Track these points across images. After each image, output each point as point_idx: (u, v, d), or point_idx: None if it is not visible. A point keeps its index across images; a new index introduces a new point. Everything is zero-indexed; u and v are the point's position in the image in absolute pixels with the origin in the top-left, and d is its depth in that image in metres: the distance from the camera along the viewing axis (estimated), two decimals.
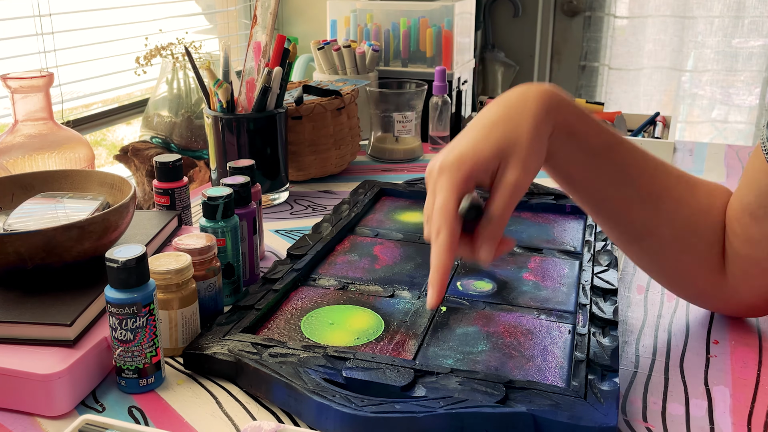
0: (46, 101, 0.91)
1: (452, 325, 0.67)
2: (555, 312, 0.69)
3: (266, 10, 0.96)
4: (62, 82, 1.21)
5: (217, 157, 0.98)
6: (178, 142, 1.19)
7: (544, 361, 0.61)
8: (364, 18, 1.38)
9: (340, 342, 0.64)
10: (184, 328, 0.63)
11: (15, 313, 0.59)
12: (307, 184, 1.12)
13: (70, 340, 0.57)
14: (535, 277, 0.77)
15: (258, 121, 0.96)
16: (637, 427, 0.55)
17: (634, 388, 0.60)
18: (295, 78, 1.57)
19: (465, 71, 1.42)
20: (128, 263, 0.55)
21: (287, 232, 0.93)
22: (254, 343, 0.61)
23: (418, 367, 0.57)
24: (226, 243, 0.71)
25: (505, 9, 2.38)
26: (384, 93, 1.22)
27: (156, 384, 0.59)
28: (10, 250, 0.60)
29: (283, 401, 0.56)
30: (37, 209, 0.70)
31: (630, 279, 0.79)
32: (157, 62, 1.22)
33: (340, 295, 0.73)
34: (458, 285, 0.75)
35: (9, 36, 1.13)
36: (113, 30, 1.35)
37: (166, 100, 1.21)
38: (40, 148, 0.90)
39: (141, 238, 0.73)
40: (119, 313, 0.56)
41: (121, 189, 0.73)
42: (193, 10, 1.63)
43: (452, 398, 0.53)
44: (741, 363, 0.63)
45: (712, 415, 0.56)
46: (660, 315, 0.71)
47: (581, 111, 0.61)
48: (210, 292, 0.66)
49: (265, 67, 0.95)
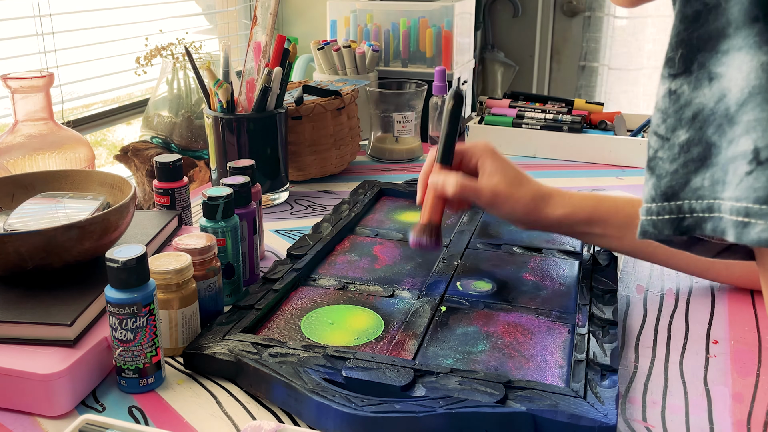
0: (46, 101, 0.91)
1: (452, 325, 0.67)
2: (555, 312, 0.69)
3: (266, 11, 0.96)
4: (62, 82, 1.21)
5: (217, 157, 0.98)
6: (178, 142, 1.19)
7: (543, 361, 0.61)
8: (364, 18, 1.38)
9: (340, 342, 0.64)
10: (184, 328, 0.63)
11: (15, 313, 0.59)
12: (307, 184, 1.12)
13: (70, 340, 0.57)
14: (535, 277, 0.77)
15: (258, 121, 0.96)
16: (637, 427, 0.55)
17: (634, 388, 0.60)
18: (295, 78, 1.57)
19: (465, 71, 1.42)
20: (128, 263, 0.55)
21: (287, 232, 0.93)
22: (254, 343, 0.61)
23: (417, 366, 0.57)
24: (226, 243, 0.71)
25: (505, 9, 2.38)
26: (384, 93, 1.22)
27: (156, 384, 0.59)
28: (11, 250, 0.60)
29: (283, 401, 0.56)
30: (37, 209, 0.70)
31: (630, 279, 0.79)
32: (158, 62, 1.22)
33: (340, 295, 0.73)
34: (458, 285, 0.75)
35: (9, 36, 1.13)
36: (113, 30, 1.35)
37: (167, 100, 1.21)
38: (40, 148, 0.90)
39: (141, 238, 0.73)
40: (119, 313, 0.56)
41: (122, 189, 0.73)
42: (193, 11, 1.64)
43: (452, 398, 0.53)
44: (741, 363, 0.63)
45: (711, 415, 0.56)
46: (660, 315, 0.71)
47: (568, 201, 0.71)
48: (210, 292, 0.66)
49: (265, 67, 0.95)
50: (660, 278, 0.79)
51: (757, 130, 0.30)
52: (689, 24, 0.33)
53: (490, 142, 0.75)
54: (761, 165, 0.30)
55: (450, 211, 0.78)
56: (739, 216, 0.30)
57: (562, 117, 1.23)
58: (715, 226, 0.32)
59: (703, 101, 0.32)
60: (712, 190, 0.32)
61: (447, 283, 0.75)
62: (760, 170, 0.30)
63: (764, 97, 0.30)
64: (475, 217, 0.93)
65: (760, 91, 0.30)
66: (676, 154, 0.34)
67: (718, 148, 0.32)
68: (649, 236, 0.35)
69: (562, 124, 1.22)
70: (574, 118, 1.22)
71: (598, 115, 1.26)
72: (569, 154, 1.21)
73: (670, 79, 0.34)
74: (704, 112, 0.32)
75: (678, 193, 0.34)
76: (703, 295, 0.75)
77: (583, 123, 1.23)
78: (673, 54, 0.34)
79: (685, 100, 0.33)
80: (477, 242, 0.85)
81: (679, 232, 0.34)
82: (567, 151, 1.22)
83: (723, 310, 0.72)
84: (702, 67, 0.32)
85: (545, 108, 1.26)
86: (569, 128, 1.21)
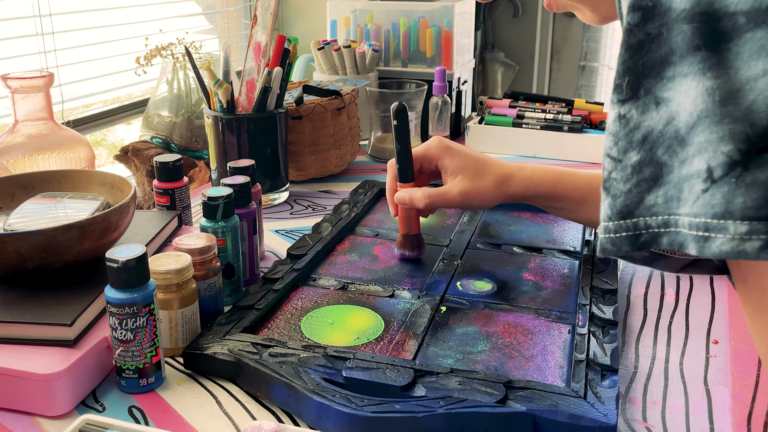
0: (46, 101, 0.91)
1: (452, 325, 0.67)
2: (555, 312, 0.69)
3: (266, 11, 0.96)
4: (62, 82, 1.21)
5: (218, 157, 0.98)
6: (178, 142, 1.19)
7: (543, 361, 0.61)
8: (364, 18, 1.38)
9: (340, 342, 0.64)
10: (184, 328, 0.63)
11: (15, 313, 0.59)
12: (307, 184, 1.12)
13: (70, 340, 0.57)
14: (534, 277, 0.77)
15: (258, 121, 0.96)
16: (637, 427, 0.55)
17: (634, 388, 0.60)
18: (295, 78, 1.57)
19: (465, 71, 1.42)
20: (128, 263, 0.55)
21: (287, 232, 0.93)
22: (254, 343, 0.61)
23: (418, 366, 0.57)
24: (226, 243, 0.71)
25: (505, 9, 2.38)
26: (384, 93, 1.22)
27: (156, 384, 0.59)
28: (11, 250, 0.60)
29: (283, 401, 0.56)
30: (37, 209, 0.70)
31: (630, 279, 0.79)
32: (158, 62, 1.22)
33: (340, 295, 0.73)
34: (458, 285, 0.75)
35: (9, 36, 1.14)
36: (113, 30, 1.35)
37: (167, 100, 1.21)
38: (40, 148, 0.90)
39: (141, 238, 0.73)
40: (119, 313, 0.56)
41: (122, 189, 0.73)
42: (193, 11, 1.64)
43: (452, 398, 0.53)
44: (741, 363, 0.63)
45: (711, 415, 0.56)
46: (660, 315, 0.71)
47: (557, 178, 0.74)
48: (210, 292, 0.66)
49: (266, 67, 0.95)
50: (660, 278, 0.79)
51: (708, 150, 0.32)
52: (634, 53, 0.34)
53: (443, 138, 0.78)
54: (715, 183, 0.32)
55: (424, 216, 0.82)
56: (699, 231, 0.32)
57: (562, 117, 1.23)
58: (672, 240, 0.34)
59: (651, 124, 0.34)
60: (667, 206, 0.34)
61: (447, 283, 0.75)
62: (715, 188, 0.32)
63: (712, 120, 0.31)
64: (475, 217, 0.93)
65: (708, 115, 0.32)
66: (629, 174, 0.35)
67: (670, 168, 0.34)
68: (609, 253, 0.37)
69: (563, 124, 1.22)
70: (574, 118, 1.22)
71: (598, 115, 1.26)
72: (569, 154, 1.21)
73: (619, 104, 0.36)
74: (653, 134, 0.34)
75: (633, 211, 0.35)
76: (703, 295, 0.75)
77: (583, 123, 1.23)
78: (620, 81, 0.35)
79: (634, 124, 0.35)
80: (477, 242, 0.85)
81: (637, 248, 0.36)
82: (567, 151, 1.22)
83: (723, 310, 0.72)
84: (648, 93, 0.34)
85: (545, 108, 1.26)
86: (569, 128, 1.22)
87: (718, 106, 0.31)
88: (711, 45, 0.32)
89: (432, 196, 0.75)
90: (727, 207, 0.31)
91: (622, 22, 0.36)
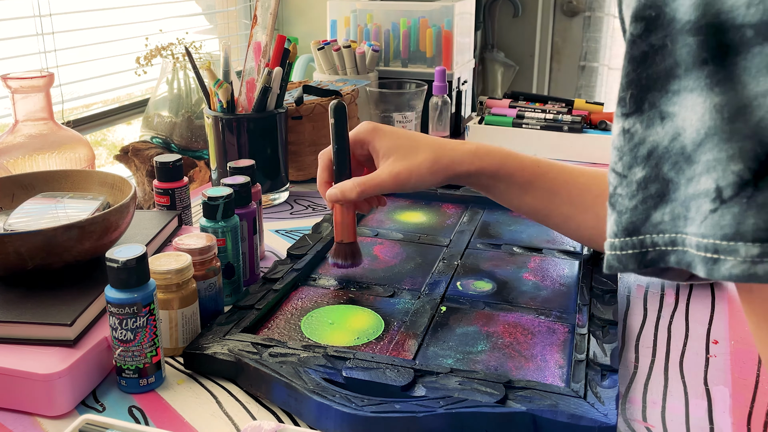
0: (46, 101, 0.91)
1: (452, 324, 0.67)
2: (555, 312, 0.69)
3: (266, 11, 0.96)
4: (62, 82, 1.21)
5: (218, 157, 0.98)
6: (178, 142, 1.19)
7: (543, 361, 0.61)
8: (364, 18, 1.38)
9: (340, 342, 0.64)
10: (184, 328, 0.63)
11: (15, 313, 0.59)
12: (307, 184, 1.12)
13: (70, 340, 0.57)
14: (534, 277, 0.77)
15: (258, 121, 0.96)
16: (637, 427, 0.55)
17: (634, 388, 0.60)
18: (295, 78, 1.57)
19: (465, 71, 1.42)
20: (128, 263, 0.55)
21: (287, 232, 0.93)
22: (254, 343, 0.61)
23: (418, 366, 0.57)
24: (226, 243, 0.71)
25: (505, 9, 2.38)
26: (384, 93, 1.22)
27: (156, 384, 0.59)
28: (11, 250, 0.60)
29: (283, 401, 0.56)
30: (37, 209, 0.70)
31: (630, 279, 0.79)
32: (158, 62, 1.22)
33: (340, 295, 0.73)
34: (458, 285, 0.75)
35: (9, 36, 1.14)
36: (113, 30, 1.35)
37: (167, 100, 1.21)
38: (40, 148, 0.90)
39: (141, 238, 0.73)
40: (119, 313, 0.56)
41: (122, 189, 0.73)
42: (193, 11, 1.64)
43: (452, 398, 0.53)
44: (741, 363, 0.63)
45: (711, 415, 0.56)
46: (660, 315, 0.71)
47: (504, 156, 0.72)
48: (210, 292, 0.66)
49: (266, 67, 0.95)
50: (660, 278, 0.79)
51: (717, 169, 0.31)
52: (637, 65, 0.33)
53: (372, 122, 0.73)
54: (725, 203, 0.31)
55: (364, 213, 0.77)
56: (708, 252, 0.31)
57: (562, 117, 1.23)
58: (680, 258, 0.33)
59: (657, 139, 0.33)
60: (674, 224, 0.33)
61: (447, 283, 0.75)
62: (724, 208, 0.31)
63: (720, 137, 0.30)
64: (475, 217, 0.93)
65: (716, 132, 0.31)
66: (634, 190, 0.34)
67: (676, 185, 0.33)
68: (615, 270, 0.36)
69: (562, 124, 1.22)
70: (574, 118, 1.22)
71: (598, 115, 1.26)
72: (569, 154, 1.21)
73: (623, 118, 0.35)
74: (658, 150, 0.33)
75: (639, 228, 0.35)
76: (703, 295, 0.75)
77: (583, 123, 1.23)
78: (624, 94, 0.34)
79: (639, 139, 0.34)
80: (477, 242, 0.85)
81: (644, 266, 0.35)
82: (567, 151, 1.22)
83: (723, 310, 0.72)
84: (653, 107, 0.33)
85: (545, 108, 1.26)
86: (569, 128, 1.22)
87: (726, 123, 0.30)
88: (718, 59, 0.30)
89: (363, 184, 0.70)
90: (738, 228, 0.30)
91: (625, 33, 0.35)
